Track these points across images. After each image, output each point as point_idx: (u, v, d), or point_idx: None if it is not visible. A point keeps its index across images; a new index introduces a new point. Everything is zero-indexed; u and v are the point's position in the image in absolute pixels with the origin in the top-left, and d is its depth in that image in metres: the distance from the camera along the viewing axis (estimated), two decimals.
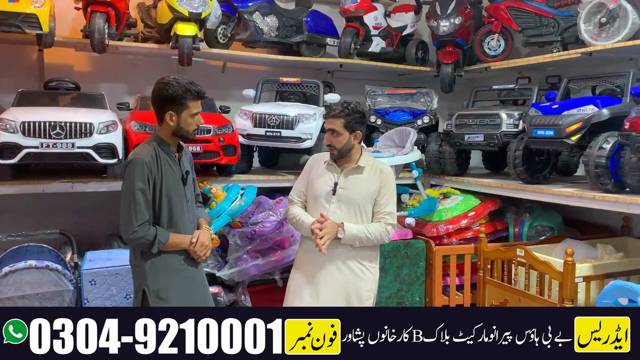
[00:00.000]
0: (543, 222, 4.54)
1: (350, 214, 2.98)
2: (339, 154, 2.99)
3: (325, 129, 3.01)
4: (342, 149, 2.97)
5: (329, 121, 2.98)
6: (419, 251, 4.26)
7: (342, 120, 2.94)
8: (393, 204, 3.05)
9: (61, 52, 4.56)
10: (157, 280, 2.64)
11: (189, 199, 2.77)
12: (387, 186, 3.03)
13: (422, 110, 5.09)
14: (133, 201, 2.55)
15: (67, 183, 3.84)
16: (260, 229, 3.91)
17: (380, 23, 5.37)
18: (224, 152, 4.11)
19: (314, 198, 3.08)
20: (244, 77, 5.27)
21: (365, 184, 3.00)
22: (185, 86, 2.60)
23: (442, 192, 4.68)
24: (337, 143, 2.96)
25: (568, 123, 3.71)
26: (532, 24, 4.83)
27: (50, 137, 3.56)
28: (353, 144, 2.99)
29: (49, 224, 4.29)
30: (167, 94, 2.59)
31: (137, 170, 2.56)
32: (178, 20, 4.19)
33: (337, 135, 2.95)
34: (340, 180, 3.01)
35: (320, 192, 3.04)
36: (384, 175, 3.04)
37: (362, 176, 3.01)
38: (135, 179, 2.55)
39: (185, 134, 2.68)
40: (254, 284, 4.08)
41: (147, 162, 2.57)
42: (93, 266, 3.63)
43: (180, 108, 2.62)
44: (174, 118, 2.63)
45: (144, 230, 2.56)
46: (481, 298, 4.17)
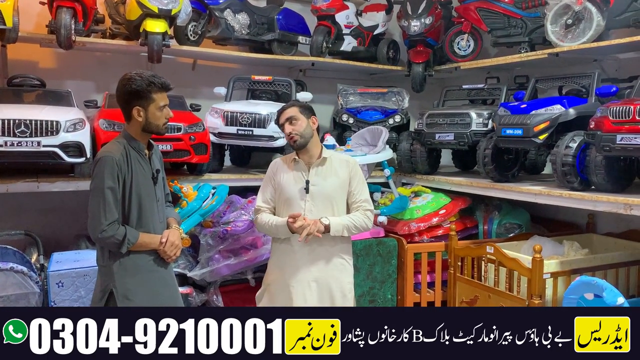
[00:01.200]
0: (511, 220, 4.61)
1: (326, 209, 3.00)
2: (302, 139, 2.99)
3: (282, 122, 3.04)
4: (304, 133, 2.99)
5: (284, 114, 3.05)
6: (391, 249, 4.29)
7: (295, 107, 3.05)
8: (366, 191, 3.12)
9: (25, 48, 4.43)
10: (125, 281, 2.59)
11: (159, 198, 2.73)
12: (356, 176, 3.09)
13: (393, 109, 5.12)
14: (102, 200, 2.49)
15: (32, 182, 3.74)
16: (232, 228, 3.88)
17: (352, 22, 5.39)
18: (194, 150, 4.06)
19: (287, 201, 3.06)
20: (214, 75, 5.22)
21: (335, 176, 3.04)
22: (149, 79, 2.56)
23: (414, 190, 4.72)
24: (299, 127, 2.99)
25: (536, 122, 3.78)
26: (500, 24, 4.90)
27: (14, 136, 3.47)
28: (312, 130, 3.03)
29: (13, 225, 4.18)
30: (131, 89, 2.55)
31: (106, 168, 2.50)
32: (147, 16, 4.11)
33: (296, 121, 3.00)
34: (311, 176, 3.02)
35: (293, 194, 3.03)
36: (351, 166, 3.10)
37: (330, 169, 3.04)
38: (104, 177, 2.50)
39: (155, 128, 2.63)
40: (226, 284, 4.05)
41: (117, 160, 2.52)
42: (60, 267, 3.55)
43: (147, 102, 2.57)
44: (141, 113, 2.58)
45: (113, 230, 2.51)
46: (452, 295, 4.22)
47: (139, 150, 2.64)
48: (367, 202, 3.10)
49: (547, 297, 3.59)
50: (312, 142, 3.03)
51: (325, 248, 3.00)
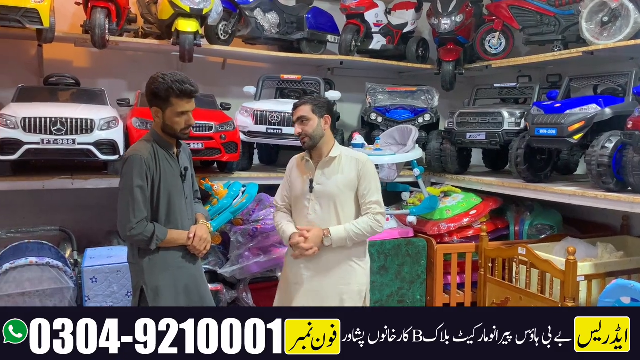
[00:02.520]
0: (543, 221, 4.54)
1: (330, 210, 2.95)
2: (311, 141, 2.94)
3: (294, 121, 2.99)
4: (314, 134, 2.92)
5: (296, 111, 2.97)
6: (420, 250, 4.26)
7: (309, 106, 2.95)
8: (377, 191, 2.98)
9: (61, 48, 4.52)
10: (155, 278, 2.62)
11: (187, 195, 2.74)
12: (366, 175, 2.96)
13: (423, 108, 5.08)
14: (131, 198, 2.52)
15: (67, 179, 3.82)
16: (262, 226, 3.89)
17: (381, 20, 5.36)
18: (225, 149, 4.09)
19: (295, 199, 3.07)
20: (244, 74, 5.24)
21: (340, 175, 2.95)
22: (169, 83, 2.53)
23: (443, 190, 4.68)
24: (309, 129, 2.92)
25: (571, 122, 3.71)
26: (533, 22, 4.83)
27: (51, 133, 3.54)
28: (324, 130, 2.96)
29: (48, 221, 4.26)
30: (151, 89, 2.58)
31: (135, 167, 2.53)
32: (179, 16, 4.16)
33: (307, 121, 2.92)
34: (316, 176, 2.98)
35: (300, 192, 3.03)
36: (360, 164, 2.96)
37: (336, 167, 2.96)
38: (133, 176, 2.52)
39: (172, 131, 2.63)
40: (255, 281, 4.06)
41: (145, 159, 2.55)
42: (94, 263, 3.61)
43: (164, 105, 2.58)
44: (158, 114, 2.60)
45: (142, 227, 2.53)
46: (482, 297, 4.17)
47: (167, 149, 2.66)
48: (377, 204, 2.97)
49: (581, 300, 3.52)
50: (323, 141, 2.97)
51: (329, 256, 2.95)
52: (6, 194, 4.08)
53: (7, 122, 3.48)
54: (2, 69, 4.50)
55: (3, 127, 3.47)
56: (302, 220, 3.02)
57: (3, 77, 4.50)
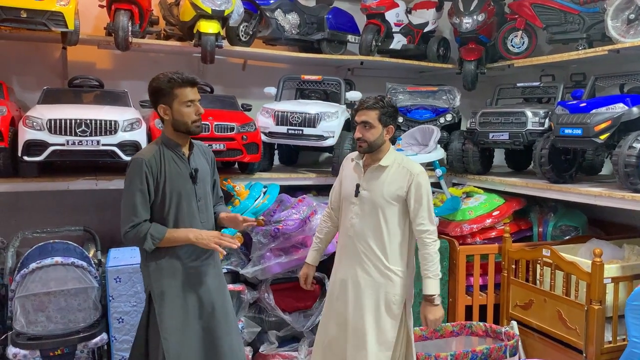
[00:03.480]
0: (567, 222, 4.48)
1: (373, 217, 2.88)
2: (368, 148, 2.87)
3: (357, 121, 2.90)
4: (373, 143, 2.85)
5: (362, 113, 2.86)
6: (442, 251, 4.17)
7: (376, 112, 2.84)
8: (424, 207, 2.85)
9: (84, 50, 4.57)
10: (161, 282, 2.61)
11: (200, 197, 2.70)
12: (417, 189, 2.84)
13: (444, 107, 5.04)
14: (131, 201, 2.53)
15: (91, 180, 3.85)
16: (284, 227, 3.89)
17: (401, 20, 5.32)
18: (246, 150, 4.10)
19: (343, 198, 3.04)
20: (264, 75, 5.25)
21: (387, 184, 2.87)
22: (168, 76, 2.57)
23: (465, 191, 4.63)
24: (370, 136, 2.84)
25: (597, 122, 3.65)
26: (556, 20, 4.76)
27: (76, 135, 3.57)
28: (385, 139, 2.89)
29: (71, 221, 4.32)
30: (152, 88, 2.60)
31: (136, 170, 2.54)
32: (201, 17, 4.17)
33: (370, 128, 2.83)
34: (363, 181, 2.93)
35: (347, 194, 3.00)
36: (412, 177, 2.85)
37: (385, 176, 2.88)
38: (134, 178, 2.54)
39: (184, 125, 2.61)
40: (277, 282, 4.06)
41: (147, 161, 2.54)
42: (118, 263, 3.64)
43: (169, 98, 2.57)
44: (167, 112, 2.59)
45: (137, 229, 2.52)
46: (505, 298, 4.13)
47: (175, 150, 2.65)
48: (427, 220, 2.84)
49: (608, 303, 3.46)
50: (380, 149, 2.90)
51: (364, 258, 2.91)
52: (32, 194, 4.16)
53: (33, 124, 3.52)
54: (27, 70, 4.57)
55: (29, 128, 3.51)
56: (346, 223, 2.99)
57: (28, 78, 4.57)
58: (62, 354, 3.43)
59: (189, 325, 2.64)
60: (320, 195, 4.61)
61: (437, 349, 3.80)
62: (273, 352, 3.99)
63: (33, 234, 3.91)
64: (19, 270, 3.48)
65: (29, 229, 3.94)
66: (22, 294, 3.38)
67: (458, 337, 3.96)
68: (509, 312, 4.10)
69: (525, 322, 3.94)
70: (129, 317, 3.63)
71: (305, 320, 4.05)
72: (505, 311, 4.13)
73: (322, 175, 4.60)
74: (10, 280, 3.52)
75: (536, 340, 3.87)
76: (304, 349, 3.99)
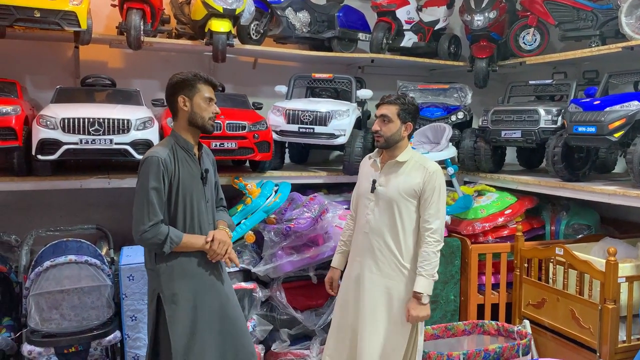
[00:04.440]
0: (580, 220, 4.45)
1: (388, 213, 2.90)
2: (385, 143, 2.90)
3: (377, 115, 2.92)
4: (390, 138, 2.88)
5: (383, 107, 2.90)
6: (454, 249, 4.21)
7: (396, 107, 2.88)
8: (435, 207, 2.85)
9: (96, 49, 4.58)
10: (172, 285, 2.58)
11: (208, 199, 2.70)
12: (431, 187, 2.85)
13: (455, 105, 5.02)
14: (146, 200, 2.48)
15: (104, 179, 3.87)
16: (295, 225, 3.89)
17: (412, 17, 5.30)
18: (258, 148, 4.10)
19: (359, 196, 3.06)
20: (275, 73, 5.25)
21: (403, 181, 2.89)
22: (194, 72, 2.64)
23: (477, 189, 4.61)
24: (387, 130, 2.87)
25: (611, 119, 3.62)
26: (569, 17, 4.72)
27: (89, 134, 3.58)
28: (403, 136, 2.91)
29: (84, 219, 4.35)
30: (177, 79, 2.63)
31: (151, 168, 2.50)
32: (212, 16, 4.18)
33: (388, 122, 2.87)
34: (379, 177, 2.95)
35: (363, 191, 3.02)
36: (428, 174, 2.87)
37: (401, 172, 2.91)
38: (149, 177, 2.49)
39: (200, 120, 2.62)
40: (288, 280, 4.07)
41: (162, 159, 2.52)
42: (131, 261, 3.66)
43: (192, 91, 2.60)
44: (187, 103, 2.60)
45: (155, 230, 2.47)
46: (517, 297, 4.11)
47: (187, 150, 2.64)
48: (433, 217, 2.83)
49: (622, 302, 3.44)
50: (397, 145, 2.92)
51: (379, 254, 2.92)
52: (45, 193, 4.18)
53: (47, 123, 3.54)
54: (40, 70, 4.60)
55: (43, 127, 3.53)
56: (361, 219, 3.01)
57: (41, 78, 4.60)
58: (77, 352, 3.45)
59: (202, 326, 2.63)
60: (331, 194, 4.61)
61: (449, 348, 3.79)
62: (285, 350, 4.00)
63: (47, 232, 3.95)
64: (33, 268, 3.50)
65: (42, 227, 3.97)
66: (37, 292, 3.40)
67: (470, 336, 3.95)
68: (521, 311, 4.08)
69: (538, 321, 3.92)
70: (142, 314, 3.65)
71: (317, 318, 4.06)
72: (518, 310, 4.11)
73: (333, 173, 4.60)
74: (25, 278, 3.54)
75: (549, 339, 3.85)
76: (316, 347, 3.99)
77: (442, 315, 4.22)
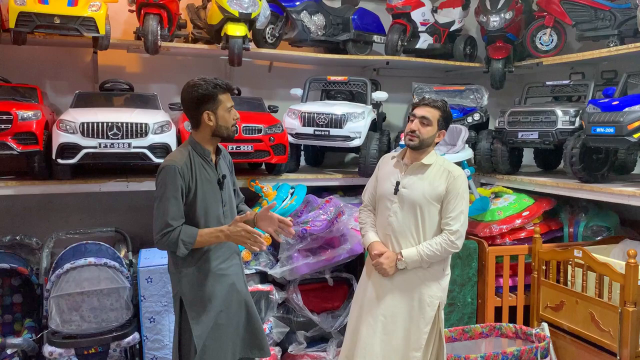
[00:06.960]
0: (599, 222, 4.39)
1: (411, 216, 2.90)
2: (419, 144, 2.89)
3: (416, 114, 2.91)
4: (425, 140, 2.88)
5: (425, 108, 2.90)
6: (471, 252, 4.18)
7: (439, 113, 2.90)
8: (457, 209, 2.87)
9: (114, 54, 4.65)
10: (193, 288, 2.62)
11: (225, 203, 2.72)
12: (455, 191, 2.87)
13: (472, 107, 4.99)
14: (164, 208, 2.51)
15: (122, 182, 3.93)
16: (311, 227, 3.91)
17: (427, 19, 5.29)
18: (274, 151, 4.13)
19: (379, 197, 3.05)
20: (290, 76, 5.28)
21: (428, 184, 2.89)
22: (213, 82, 2.60)
23: (494, 191, 4.58)
24: (425, 133, 2.87)
25: (630, 120, 3.57)
26: (586, 17, 4.66)
27: (107, 138, 3.64)
28: (436, 141, 2.94)
29: (103, 222, 4.41)
30: (198, 94, 2.57)
31: (169, 177, 2.52)
32: (228, 20, 4.21)
33: (427, 125, 2.87)
34: (403, 179, 2.94)
35: (385, 192, 3.00)
36: (451, 178, 2.89)
37: (426, 175, 2.91)
38: (167, 185, 2.52)
39: (225, 131, 2.65)
40: (304, 282, 4.09)
41: (179, 168, 2.54)
42: (149, 264, 3.71)
43: (215, 105, 2.60)
44: (212, 117, 2.61)
45: (168, 237, 2.50)
46: (535, 300, 4.07)
47: (204, 156, 2.66)
48: (454, 220, 2.85)
49: None
50: (426, 149, 2.93)
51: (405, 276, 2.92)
52: (65, 196, 4.25)
53: (66, 127, 3.60)
54: (59, 75, 4.67)
55: (63, 132, 3.59)
56: (383, 221, 3.00)
57: (60, 83, 4.67)
58: (96, 353, 3.51)
59: (224, 328, 2.66)
60: (347, 196, 4.61)
61: (467, 351, 3.77)
62: (301, 352, 4.01)
63: (67, 234, 4.01)
64: (53, 270, 3.57)
65: (62, 230, 4.04)
66: (57, 294, 3.46)
67: (487, 339, 3.92)
68: (539, 314, 4.04)
69: (557, 323, 3.88)
70: (160, 316, 3.69)
71: (334, 320, 4.06)
72: (536, 313, 4.07)
73: (348, 175, 4.60)
74: (46, 280, 3.61)
75: (568, 342, 3.81)
76: (332, 350, 4.00)
77: (460, 318, 4.20)
